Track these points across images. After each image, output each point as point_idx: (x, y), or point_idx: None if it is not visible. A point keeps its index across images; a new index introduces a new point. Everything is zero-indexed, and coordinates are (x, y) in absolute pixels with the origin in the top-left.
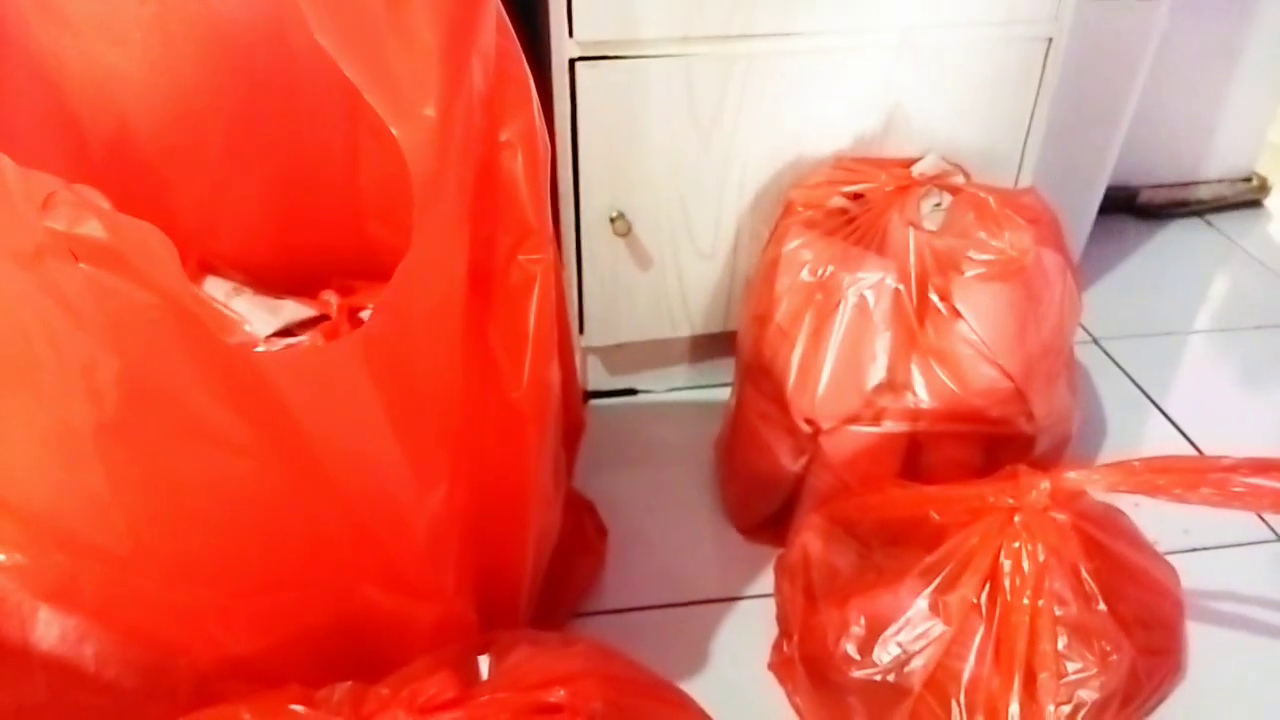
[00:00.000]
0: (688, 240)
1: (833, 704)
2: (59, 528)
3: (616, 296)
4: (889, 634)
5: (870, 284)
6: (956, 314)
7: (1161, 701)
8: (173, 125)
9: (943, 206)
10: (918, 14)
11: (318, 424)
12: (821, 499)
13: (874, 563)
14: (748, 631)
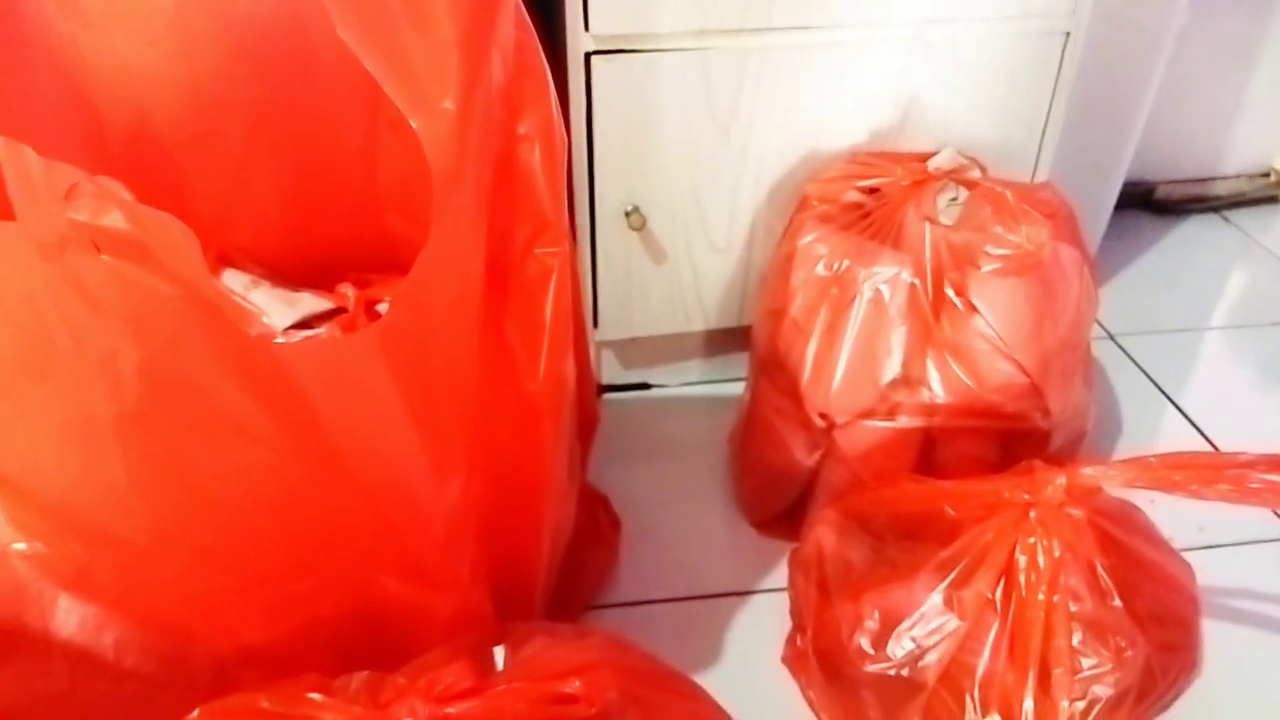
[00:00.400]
0: (702, 234)
1: (846, 698)
2: (79, 517)
3: (631, 291)
4: (903, 628)
5: (886, 278)
6: (972, 309)
7: (1176, 698)
8: (192, 118)
9: (959, 201)
10: (933, 8)
11: (336, 415)
12: (836, 493)
13: (888, 557)
14: (761, 625)
